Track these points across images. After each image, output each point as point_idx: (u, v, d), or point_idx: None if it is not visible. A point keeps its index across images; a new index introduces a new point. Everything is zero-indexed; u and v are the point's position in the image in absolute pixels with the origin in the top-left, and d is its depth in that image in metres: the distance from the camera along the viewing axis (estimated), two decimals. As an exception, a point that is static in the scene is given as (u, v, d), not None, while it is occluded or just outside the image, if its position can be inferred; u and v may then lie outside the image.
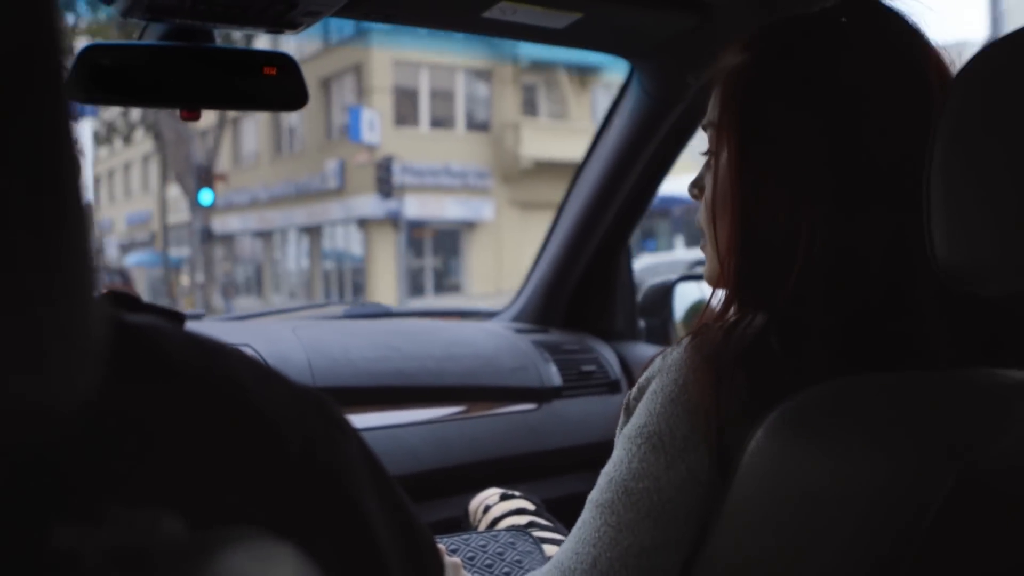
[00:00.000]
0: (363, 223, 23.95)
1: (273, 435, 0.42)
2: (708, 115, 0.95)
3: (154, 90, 1.29)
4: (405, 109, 23.85)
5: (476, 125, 25.11)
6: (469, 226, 24.79)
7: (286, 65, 1.31)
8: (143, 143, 28.49)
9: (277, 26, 1.29)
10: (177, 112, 1.33)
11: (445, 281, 25.10)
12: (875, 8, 0.89)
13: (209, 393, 0.41)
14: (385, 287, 22.88)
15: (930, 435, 0.68)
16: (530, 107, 24.87)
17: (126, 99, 1.32)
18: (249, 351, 1.63)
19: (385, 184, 21.16)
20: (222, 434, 0.40)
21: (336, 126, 25.01)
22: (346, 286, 25.63)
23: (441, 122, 24.66)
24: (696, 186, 0.99)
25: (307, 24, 1.30)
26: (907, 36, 0.87)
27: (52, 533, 0.32)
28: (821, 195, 0.83)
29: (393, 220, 22.50)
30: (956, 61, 0.85)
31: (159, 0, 1.17)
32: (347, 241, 25.66)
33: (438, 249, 25.28)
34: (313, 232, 26.62)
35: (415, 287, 23.95)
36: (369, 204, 22.61)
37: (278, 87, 1.32)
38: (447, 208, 24.03)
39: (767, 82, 0.88)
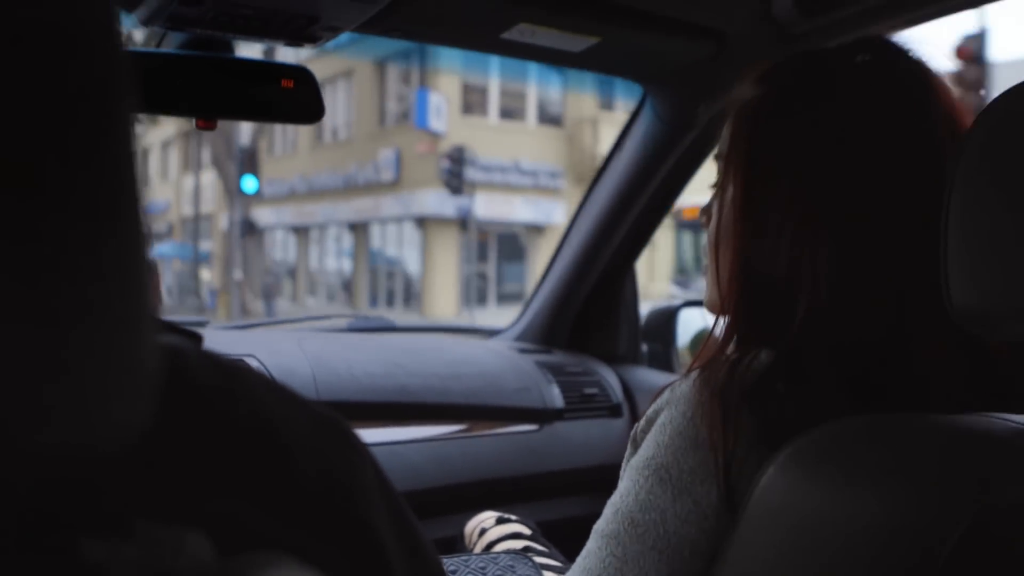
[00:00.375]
0: (422, 221, 21.37)
1: (292, 458, 0.42)
2: (719, 146, 0.95)
3: (171, 98, 1.29)
4: (472, 96, 21.49)
5: (549, 118, 22.43)
6: (537, 230, 22.20)
7: (303, 78, 1.32)
8: (165, 126, 26.85)
9: (297, 40, 1.30)
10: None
11: (504, 290, 22.58)
12: (890, 50, 0.89)
13: (232, 416, 0.41)
14: (443, 294, 20.90)
15: (944, 476, 0.68)
16: (608, 100, 20.99)
17: (142, 106, 1.32)
18: (253, 362, 1.63)
19: (455, 178, 18.59)
20: (242, 455, 0.40)
21: (391, 112, 22.62)
22: (396, 292, 23.15)
23: (511, 113, 21.97)
24: (705, 214, 0.99)
25: (327, 38, 1.31)
26: (919, 79, 0.87)
27: (82, 546, 0.32)
28: (824, 238, 0.83)
29: (462, 220, 19.87)
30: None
31: (180, 10, 1.18)
32: (400, 241, 23.04)
33: (499, 254, 22.69)
34: (359, 229, 24.02)
35: (476, 296, 21.11)
36: (431, 200, 20.29)
37: (295, 100, 1.33)
38: (515, 209, 21.56)
39: (776, 120, 0.88)
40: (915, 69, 0.88)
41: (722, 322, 0.91)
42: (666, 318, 2.29)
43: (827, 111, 0.86)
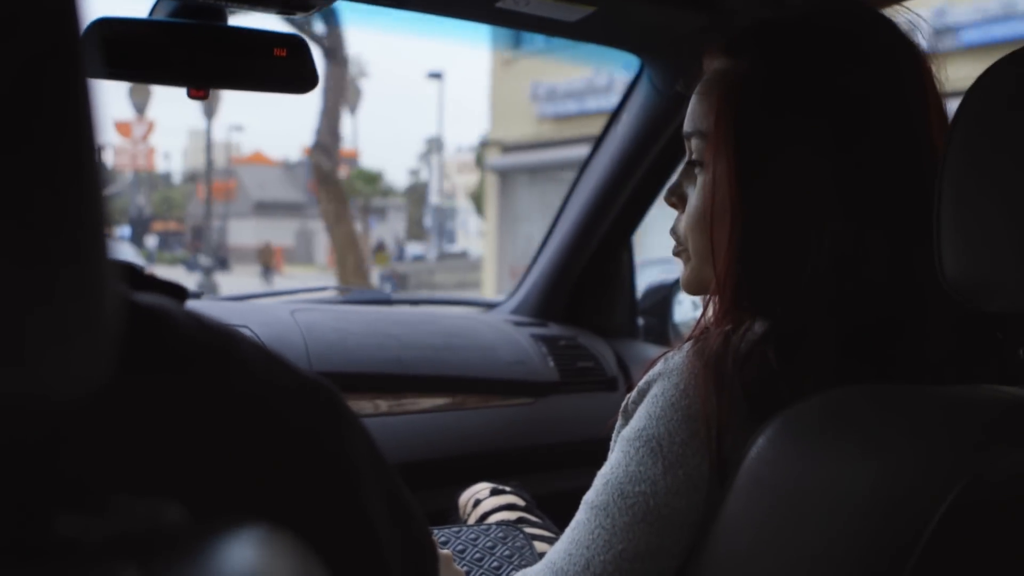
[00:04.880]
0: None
1: (279, 424, 0.42)
2: (694, 123, 0.93)
3: (162, 66, 1.28)
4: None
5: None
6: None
7: (297, 46, 1.31)
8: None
9: (289, 7, 1.29)
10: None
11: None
12: (861, 13, 0.89)
13: (219, 380, 0.40)
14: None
15: (934, 446, 0.68)
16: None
17: (133, 74, 1.31)
18: (247, 332, 1.63)
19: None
20: (229, 422, 0.40)
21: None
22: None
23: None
24: (675, 194, 0.97)
25: (320, 6, 1.30)
26: (896, 39, 0.87)
27: (55, 520, 0.32)
28: (830, 207, 0.82)
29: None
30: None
31: None
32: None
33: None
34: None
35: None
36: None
37: (288, 68, 1.31)
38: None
39: (770, 93, 0.86)
40: (892, 32, 0.88)
41: (714, 299, 0.90)
42: (663, 292, 2.29)
43: (821, 82, 0.85)
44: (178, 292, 0.46)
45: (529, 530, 1.26)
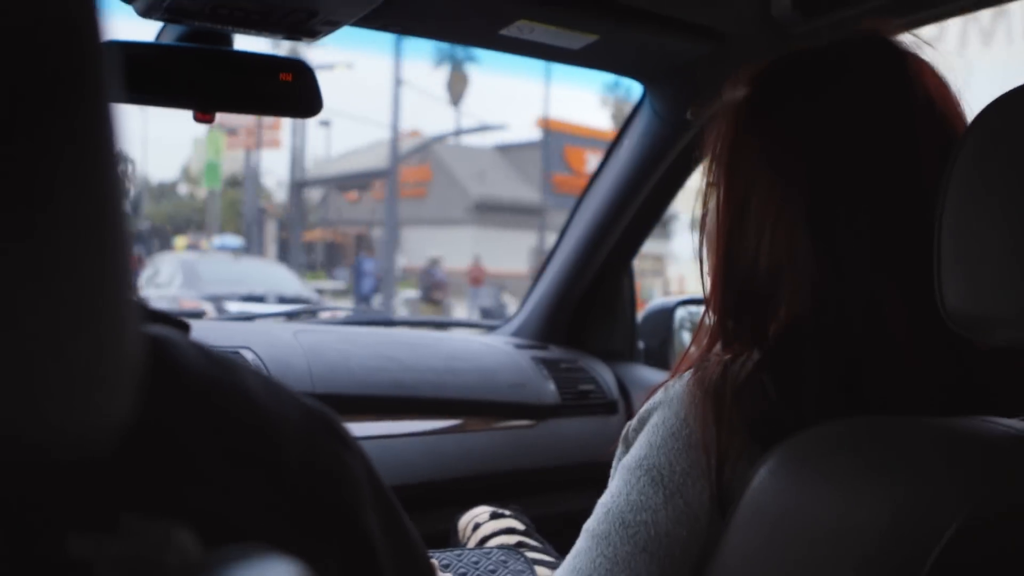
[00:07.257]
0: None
1: (279, 449, 0.43)
2: (710, 147, 0.95)
3: (169, 90, 1.29)
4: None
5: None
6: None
7: (302, 71, 1.32)
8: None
9: (295, 34, 1.30)
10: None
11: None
12: (882, 48, 0.89)
13: (221, 408, 0.41)
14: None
15: (934, 480, 0.68)
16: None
17: (140, 97, 1.32)
18: (249, 354, 1.63)
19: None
20: (231, 448, 0.41)
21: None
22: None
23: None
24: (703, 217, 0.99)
25: (325, 33, 1.31)
26: (898, 74, 0.87)
27: (67, 541, 0.32)
28: (804, 240, 0.83)
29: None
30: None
31: (179, 2, 1.17)
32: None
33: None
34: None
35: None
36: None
37: (293, 93, 1.32)
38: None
39: (754, 120, 0.89)
40: (893, 63, 0.87)
41: (708, 322, 0.91)
42: (663, 316, 2.29)
43: (802, 109, 0.86)
44: (180, 325, 0.46)
45: (529, 554, 1.26)
